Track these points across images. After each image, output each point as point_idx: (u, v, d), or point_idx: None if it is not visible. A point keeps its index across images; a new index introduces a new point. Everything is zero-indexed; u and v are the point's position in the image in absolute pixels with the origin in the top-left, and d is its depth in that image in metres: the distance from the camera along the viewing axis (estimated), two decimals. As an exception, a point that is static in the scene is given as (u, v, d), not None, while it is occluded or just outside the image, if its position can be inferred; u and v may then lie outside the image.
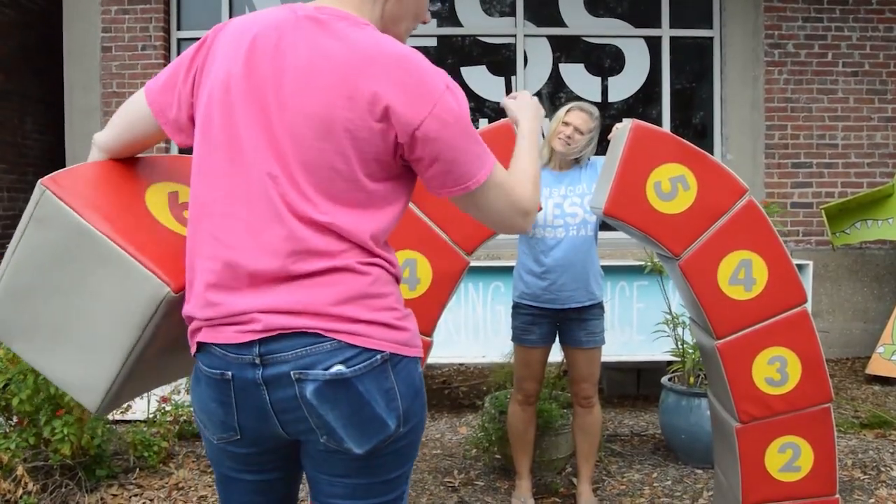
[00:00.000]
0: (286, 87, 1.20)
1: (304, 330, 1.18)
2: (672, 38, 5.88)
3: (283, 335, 1.18)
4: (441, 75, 1.22)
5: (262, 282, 1.19)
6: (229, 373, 1.21)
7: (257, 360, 1.19)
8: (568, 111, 2.97)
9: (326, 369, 1.18)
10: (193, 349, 1.27)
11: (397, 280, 1.30)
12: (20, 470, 2.83)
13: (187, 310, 1.27)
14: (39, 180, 1.33)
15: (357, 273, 1.21)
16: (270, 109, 1.20)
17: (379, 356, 1.21)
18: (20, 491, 2.81)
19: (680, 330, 3.70)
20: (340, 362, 1.18)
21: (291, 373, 1.18)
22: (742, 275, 2.23)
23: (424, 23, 1.41)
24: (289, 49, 1.21)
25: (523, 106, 1.58)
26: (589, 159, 3.04)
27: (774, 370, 2.23)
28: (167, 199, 1.47)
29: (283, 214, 1.19)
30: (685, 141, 2.27)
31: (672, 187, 2.23)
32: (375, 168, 1.21)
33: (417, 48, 1.24)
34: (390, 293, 1.25)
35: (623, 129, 2.35)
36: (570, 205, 2.94)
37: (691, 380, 3.58)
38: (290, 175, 1.19)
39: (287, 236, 1.19)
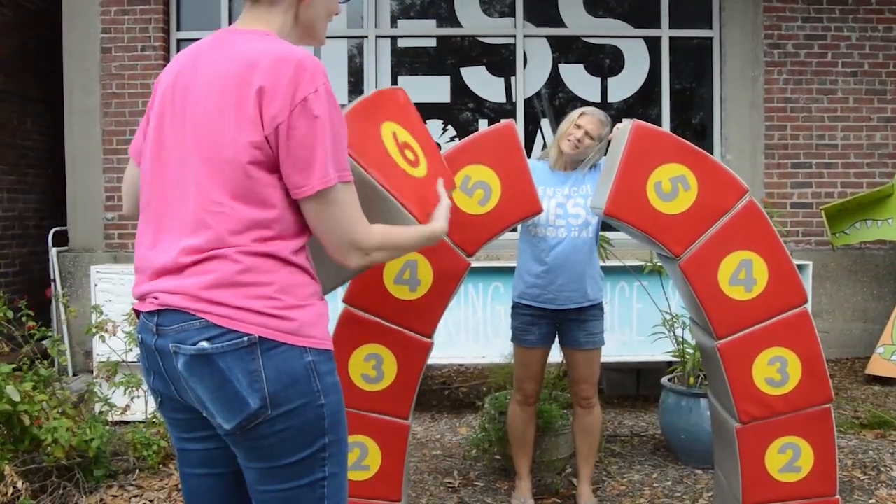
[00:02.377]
0: (191, 97, 1.39)
1: (183, 309, 1.33)
2: (671, 39, 5.88)
3: (170, 310, 1.35)
4: (319, 78, 1.34)
5: (163, 271, 1.38)
6: (140, 336, 1.42)
7: (154, 329, 1.37)
8: (581, 114, 2.94)
9: (194, 344, 1.32)
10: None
11: (298, 267, 1.39)
12: (8, 470, 2.81)
13: (134, 291, 1.47)
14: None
15: (230, 261, 1.33)
16: (178, 120, 1.39)
17: (246, 338, 1.31)
18: (10, 490, 2.79)
19: (680, 330, 3.70)
20: (206, 339, 1.31)
21: (171, 345, 1.34)
22: (742, 275, 2.23)
23: (336, 14, 1.57)
24: (199, 67, 1.41)
25: (442, 215, 1.76)
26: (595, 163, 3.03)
27: (775, 370, 2.23)
28: (393, 140, 1.78)
29: (175, 215, 1.38)
30: (686, 141, 2.27)
31: (672, 187, 2.23)
32: (259, 156, 1.33)
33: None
34: (270, 282, 1.35)
35: (623, 130, 2.35)
36: (573, 205, 2.93)
37: (691, 380, 3.58)
38: (193, 175, 1.35)
39: (179, 231, 1.37)
